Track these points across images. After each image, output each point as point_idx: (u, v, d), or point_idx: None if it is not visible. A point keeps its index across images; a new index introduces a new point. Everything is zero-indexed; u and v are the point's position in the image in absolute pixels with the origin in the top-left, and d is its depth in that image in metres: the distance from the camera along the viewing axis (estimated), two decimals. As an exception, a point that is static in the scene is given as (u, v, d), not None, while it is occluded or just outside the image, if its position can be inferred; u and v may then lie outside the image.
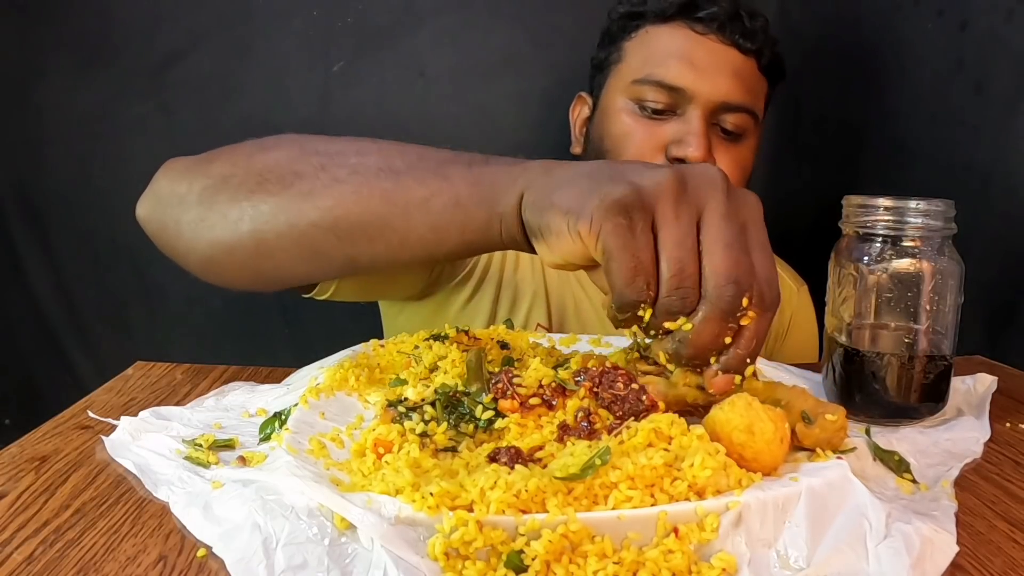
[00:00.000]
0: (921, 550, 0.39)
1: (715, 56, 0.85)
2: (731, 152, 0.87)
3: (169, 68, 1.15)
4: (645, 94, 0.86)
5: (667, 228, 0.44)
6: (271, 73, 1.16)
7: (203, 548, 0.41)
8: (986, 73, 0.87)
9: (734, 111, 0.85)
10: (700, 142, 0.83)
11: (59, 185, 1.17)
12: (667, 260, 0.44)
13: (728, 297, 0.44)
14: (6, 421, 1.23)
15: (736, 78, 0.85)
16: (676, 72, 0.84)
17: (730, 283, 0.43)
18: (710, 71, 0.84)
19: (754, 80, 0.88)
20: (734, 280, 0.44)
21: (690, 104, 0.84)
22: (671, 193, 0.44)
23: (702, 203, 0.45)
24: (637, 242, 0.44)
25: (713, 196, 0.45)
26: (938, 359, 0.58)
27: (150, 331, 1.24)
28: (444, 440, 0.50)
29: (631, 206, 0.44)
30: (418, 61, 1.17)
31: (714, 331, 0.45)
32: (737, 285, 0.44)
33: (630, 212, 0.44)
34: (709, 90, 0.84)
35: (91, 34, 1.14)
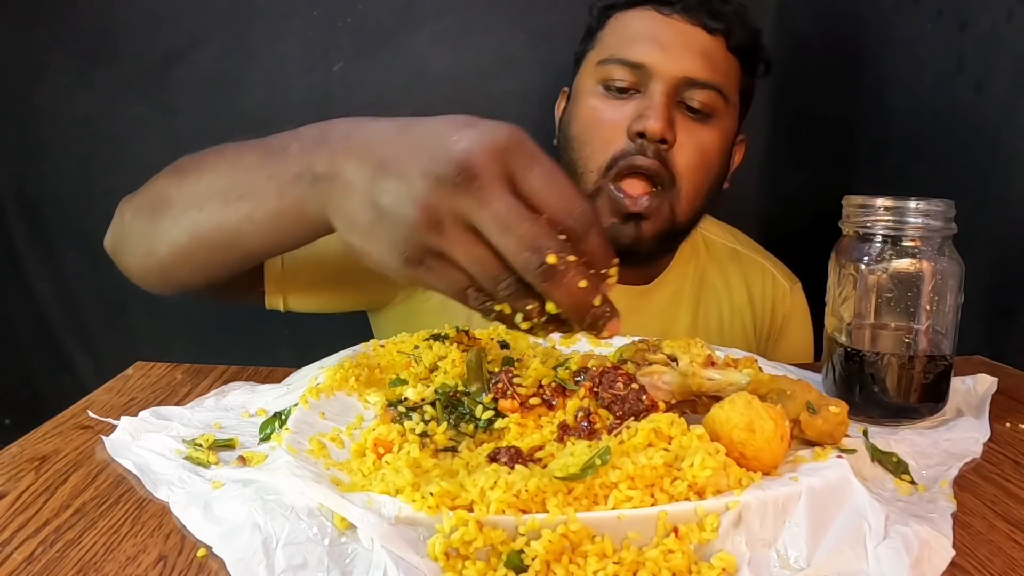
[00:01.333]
0: (920, 552, 0.39)
1: (680, 34, 0.85)
2: (695, 131, 0.85)
3: (169, 68, 1.15)
4: (610, 73, 0.86)
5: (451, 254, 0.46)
6: (271, 73, 1.16)
7: (203, 548, 0.41)
8: (986, 73, 0.87)
9: (699, 87, 0.84)
10: (659, 114, 0.81)
11: (59, 185, 1.17)
12: (473, 274, 0.46)
13: (534, 268, 0.44)
14: (6, 421, 1.23)
15: (701, 55, 0.84)
16: (639, 50, 0.84)
17: (525, 255, 0.44)
18: (673, 48, 0.84)
19: (722, 59, 0.86)
20: (527, 250, 0.44)
21: (652, 80, 0.83)
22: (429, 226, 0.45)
23: (456, 209, 0.45)
24: (445, 273, 0.47)
25: (461, 195, 0.45)
26: (938, 359, 0.58)
27: (150, 331, 1.24)
28: (444, 440, 0.50)
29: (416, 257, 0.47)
30: (418, 61, 1.17)
31: (562, 292, 0.45)
32: (535, 251, 0.44)
33: (419, 261, 0.47)
34: (671, 65, 0.83)
35: (91, 34, 1.14)
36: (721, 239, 1.03)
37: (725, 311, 0.99)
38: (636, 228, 0.84)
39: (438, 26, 1.16)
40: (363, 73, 1.17)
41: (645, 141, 0.82)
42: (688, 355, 0.55)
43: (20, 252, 1.20)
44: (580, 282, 0.45)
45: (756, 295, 1.00)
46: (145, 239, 0.67)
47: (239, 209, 0.59)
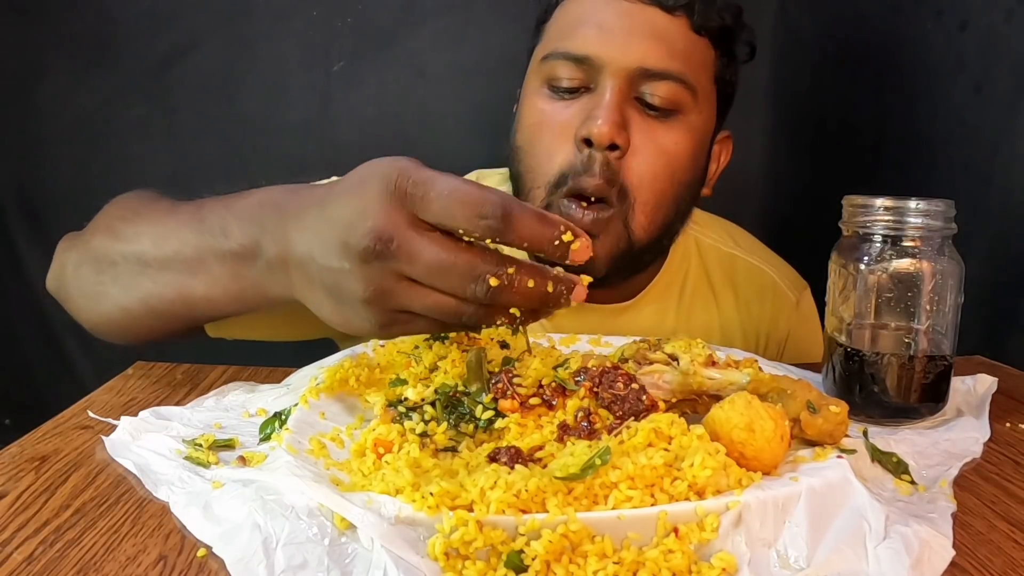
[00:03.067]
0: (920, 553, 0.39)
1: (629, 18, 0.72)
2: (655, 131, 0.72)
3: (169, 68, 1.15)
4: (554, 71, 0.73)
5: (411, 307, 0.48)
6: (271, 73, 1.16)
7: (203, 548, 0.41)
8: (986, 73, 0.87)
9: (657, 79, 0.71)
10: (608, 115, 0.69)
11: (59, 185, 1.17)
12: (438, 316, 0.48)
13: (482, 294, 0.46)
14: (6, 421, 1.23)
15: (656, 40, 0.71)
16: (583, 40, 0.72)
17: (472, 286, 0.46)
18: (622, 34, 0.71)
19: (684, 44, 0.73)
20: (470, 282, 0.46)
21: (601, 75, 0.71)
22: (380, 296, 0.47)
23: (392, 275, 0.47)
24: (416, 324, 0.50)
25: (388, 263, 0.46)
26: (938, 359, 0.58)
27: (150, 331, 1.24)
28: (444, 440, 0.50)
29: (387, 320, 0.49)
30: (418, 61, 1.17)
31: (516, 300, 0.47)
32: (474, 280, 0.46)
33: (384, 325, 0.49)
34: (620, 55, 0.70)
35: (91, 34, 1.14)
36: (717, 242, 0.91)
37: (715, 330, 0.88)
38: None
39: (438, 26, 1.17)
40: (363, 73, 1.17)
41: (593, 149, 0.70)
42: (689, 354, 0.55)
43: (20, 252, 1.20)
44: (528, 283, 0.47)
45: (755, 310, 0.89)
46: (94, 298, 0.65)
47: (195, 287, 0.59)
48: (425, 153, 0.89)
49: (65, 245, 0.70)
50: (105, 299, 0.64)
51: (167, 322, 0.63)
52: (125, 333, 0.67)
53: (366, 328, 0.50)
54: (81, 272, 0.66)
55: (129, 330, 0.66)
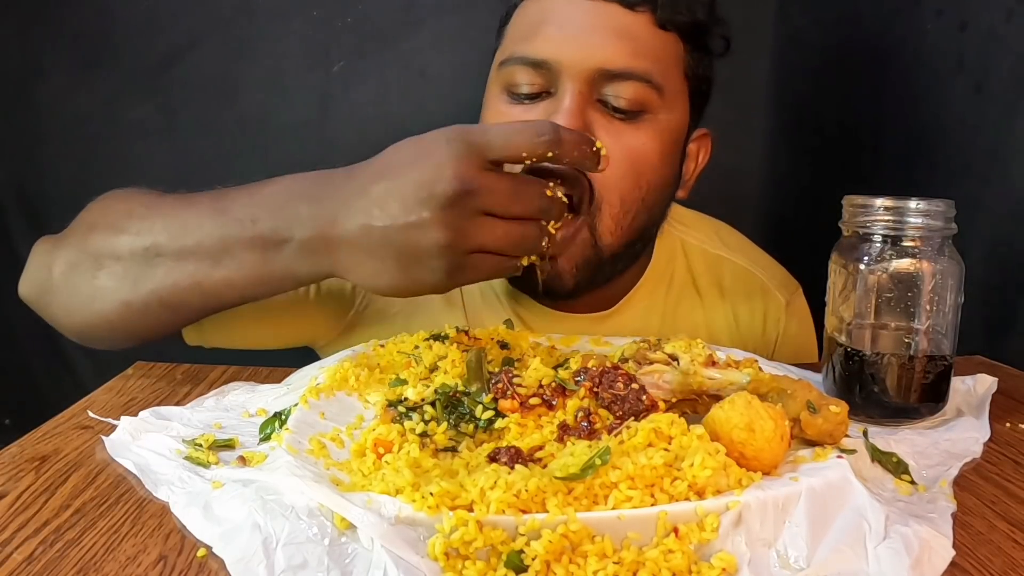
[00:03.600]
0: (920, 553, 0.39)
1: (588, 17, 0.68)
2: (620, 134, 0.69)
3: (169, 68, 1.15)
4: (513, 77, 0.70)
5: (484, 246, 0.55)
6: (271, 73, 1.16)
7: (203, 548, 0.41)
8: (986, 73, 0.87)
9: (620, 79, 0.68)
10: (567, 119, 0.66)
11: (59, 185, 1.17)
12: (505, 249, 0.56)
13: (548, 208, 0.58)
14: (6, 421, 1.23)
15: (617, 39, 0.68)
16: (540, 43, 0.69)
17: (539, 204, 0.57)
18: (580, 34, 0.68)
19: (648, 41, 0.69)
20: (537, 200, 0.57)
21: (561, 78, 0.68)
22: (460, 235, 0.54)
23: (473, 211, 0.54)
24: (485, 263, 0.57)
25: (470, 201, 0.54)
26: (938, 359, 0.58)
27: (150, 331, 1.24)
28: (444, 440, 0.50)
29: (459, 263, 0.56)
30: (418, 61, 1.17)
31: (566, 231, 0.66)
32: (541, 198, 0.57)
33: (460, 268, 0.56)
34: (580, 57, 0.67)
35: (91, 34, 1.14)
36: (704, 243, 0.88)
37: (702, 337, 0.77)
38: (551, 263, 0.67)
39: (438, 26, 1.17)
40: (363, 73, 1.17)
41: None
42: (689, 354, 0.55)
43: (20, 252, 1.19)
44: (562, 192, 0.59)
45: (743, 314, 0.86)
46: (89, 298, 0.64)
47: (215, 274, 0.61)
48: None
49: (46, 247, 0.69)
50: (103, 296, 0.64)
51: (175, 314, 0.64)
52: (116, 333, 0.66)
53: (434, 279, 0.55)
54: (75, 272, 0.65)
55: (123, 329, 0.65)
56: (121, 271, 0.63)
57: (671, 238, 0.84)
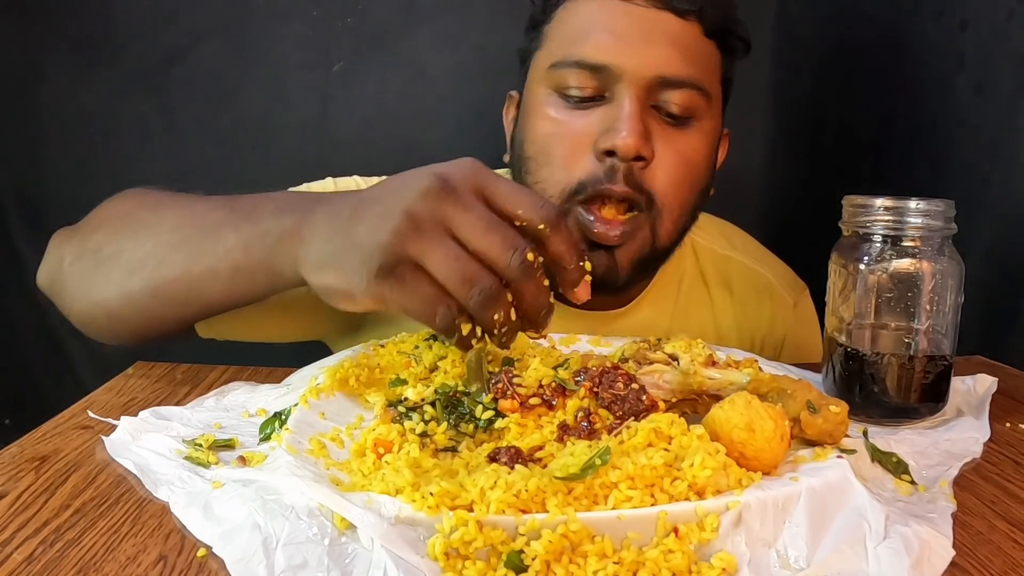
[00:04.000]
0: (920, 553, 0.39)
1: (644, 24, 0.69)
2: (675, 140, 0.71)
3: (170, 68, 1.15)
4: (566, 79, 0.71)
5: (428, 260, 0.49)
6: (271, 73, 1.16)
7: (203, 548, 0.41)
8: (986, 73, 0.87)
9: (676, 88, 0.69)
10: (631, 125, 0.67)
11: (59, 185, 1.17)
12: (447, 280, 0.48)
13: (517, 265, 0.48)
14: (6, 421, 1.23)
15: (673, 47, 0.69)
16: (597, 47, 0.69)
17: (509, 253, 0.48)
18: (639, 41, 0.69)
19: (699, 49, 0.71)
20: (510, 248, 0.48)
21: (618, 84, 0.69)
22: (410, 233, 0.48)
23: (440, 215, 0.49)
24: (417, 286, 0.49)
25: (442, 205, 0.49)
26: (938, 359, 0.58)
27: (150, 331, 1.24)
28: (444, 440, 0.50)
29: (393, 263, 0.49)
30: (418, 61, 1.17)
31: (532, 290, 0.49)
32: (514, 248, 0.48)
33: (395, 269, 0.49)
34: (639, 64, 0.68)
35: (92, 34, 1.14)
36: (713, 244, 0.89)
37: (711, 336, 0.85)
38: (608, 257, 0.71)
39: (438, 26, 1.17)
40: (363, 73, 1.17)
41: (616, 160, 0.68)
42: (689, 354, 0.55)
43: (20, 252, 1.20)
44: (545, 280, 0.50)
45: (751, 313, 0.87)
46: (90, 288, 0.66)
47: (200, 263, 0.60)
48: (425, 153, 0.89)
49: (61, 239, 0.71)
50: (106, 289, 0.64)
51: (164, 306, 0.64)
52: (116, 325, 0.67)
53: (357, 274, 0.50)
54: (81, 262, 0.67)
55: (121, 320, 0.66)
56: (121, 263, 0.64)
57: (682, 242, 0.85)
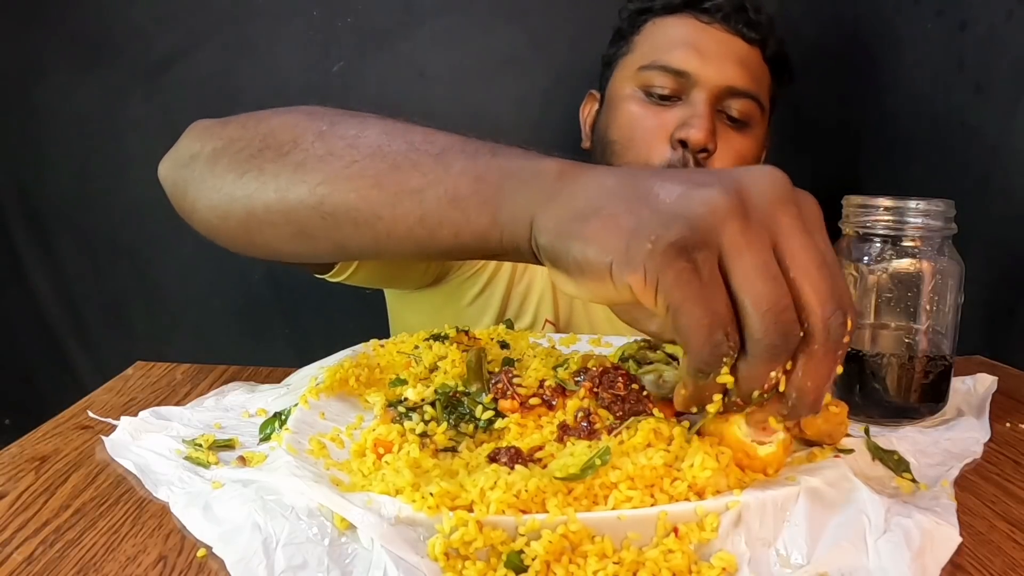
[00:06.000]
0: (921, 544, 0.39)
1: (720, 43, 0.87)
2: (734, 140, 0.88)
3: (169, 68, 1.15)
4: (652, 80, 0.87)
5: (741, 260, 0.36)
6: (271, 73, 1.16)
7: (203, 548, 0.41)
8: (986, 73, 0.87)
9: (739, 97, 0.87)
10: (704, 123, 0.84)
11: (59, 185, 1.17)
12: (751, 296, 0.36)
13: (837, 326, 0.37)
14: (6, 421, 1.23)
15: (740, 65, 0.87)
16: (682, 57, 0.86)
17: (836, 309, 0.37)
18: (715, 57, 0.86)
19: (759, 69, 0.90)
20: (838, 306, 0.37)
21: (695, 88, 0.86)
22: (735, 216, 0.37)
23: (774, 221, 0.38)
24: (708, 290, 0.36)
25: (784, 210, 0.38)
26: (938, 359, 0.58)
27: (150, 331, 1.24)
28: (444, 440, 0.50)
29: (692, 246, 0.36)
30: (418, 61, 1.17)
31: (826, 366, 0.38)
32: (842, 310, 0.37)
33: (692, 254, 0.36)
34: (714, 75, 0.85)
35: (91, 34, 1.14)
36: None
37: None
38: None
39: (438, 26, 1.17)
40: (363, 73, 1.17)
41: (686, 150, 0.84)
42: None
43: (20, 252, 1.20)
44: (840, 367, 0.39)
45: None
46: (236, 181, 0.54)
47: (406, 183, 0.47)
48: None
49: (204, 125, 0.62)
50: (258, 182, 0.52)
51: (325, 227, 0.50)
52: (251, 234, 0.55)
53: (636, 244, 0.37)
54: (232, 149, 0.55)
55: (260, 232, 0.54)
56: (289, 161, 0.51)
57: None
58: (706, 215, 0.36)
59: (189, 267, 1.21)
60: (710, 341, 0.36)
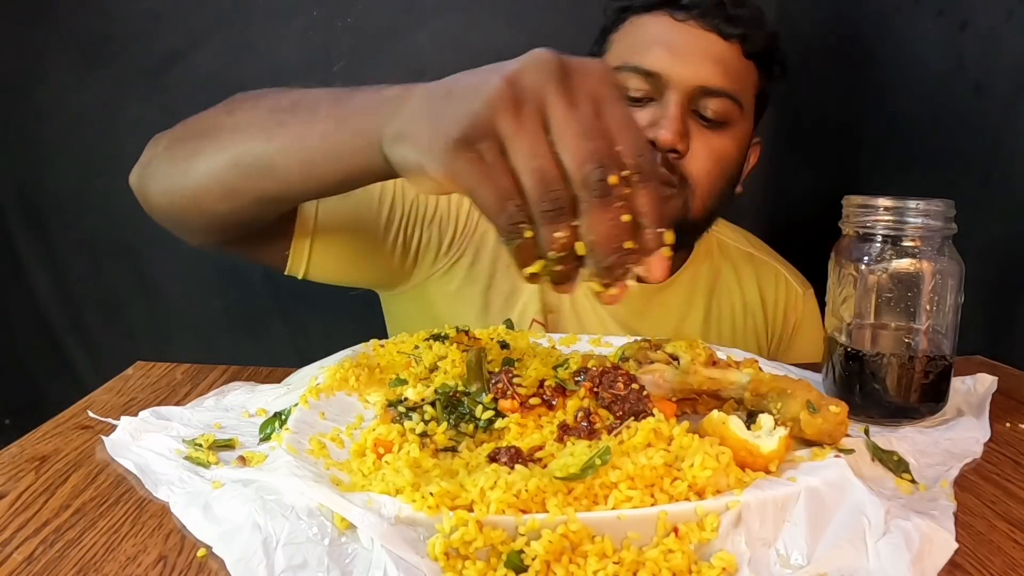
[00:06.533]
0: (921, 547, 0.39)
1: (694, 41, 0.84)
2: (709, 140, 0.85)
3: (169, 68, 1.15)
4: (625, 81, 0.85)
5: (514, 143, 0.43)
6: (271, 73, 1.16)
7: (203, 548, 0.41)
8: (986, 73, 0.87)
9: (714, 96, 0.84)
10: (672, 125, 0.81)
11: (59, 185, 1.17)
12: (524, 173, 0.43)
13: (595, 180, 0.43)
14: (6, 421, 1.23)
15: (715, 63, 0.84)
16: (653, 57, 0.84)
17: (591, 166, 0.42)
18: (687, 56, 0.83)
19: (737, 66, 0.86)
20: (594, 162, 0.43)
21: (668, 89, 0.83)
22: (506, 105, 0.43)
23: (541, 101, 0.44)
24: (492, 169, 0.44)
25: (550, 86, 0.44)
26: (938, 359, 0.58)
27: (150, 331, 1.24)
28: (444, 440, 0.50)
29: (473, 138, 0.44)
30: (418, 61, 1.17)
31: (604, 219, 0.43)
32: (600, 165, 0.43)
33: (474, 144, 0.44)
34: (685, 74, 0.83)
35: (91, 34, 1.14)
36: (736, 243, 1.03)
37: (738, 313, 0.99)
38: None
39: (438, 26, 1.17)
40: (363, 73, 1.17)
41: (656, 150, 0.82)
42: (689, 354, 0.55)
43: (20, 252, 1.20)
44: (625, 215, 0.43)
45: (769, 298, 1.01)
46: (180, 165, 0.67)
47: (288, 131, 0.59)
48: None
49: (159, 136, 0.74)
50: (194, 166, 0.65)
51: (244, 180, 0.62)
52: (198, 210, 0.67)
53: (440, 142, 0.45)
54: (174, 146, 0.69)
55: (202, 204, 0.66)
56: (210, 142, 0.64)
57: (709, 237, 0.98)
58: (482, 110, 0.44)
59: (189, 267, 1.21)
60: (502, 212, 0.44)
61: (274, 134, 0.60)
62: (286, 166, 0.60)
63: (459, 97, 0.46)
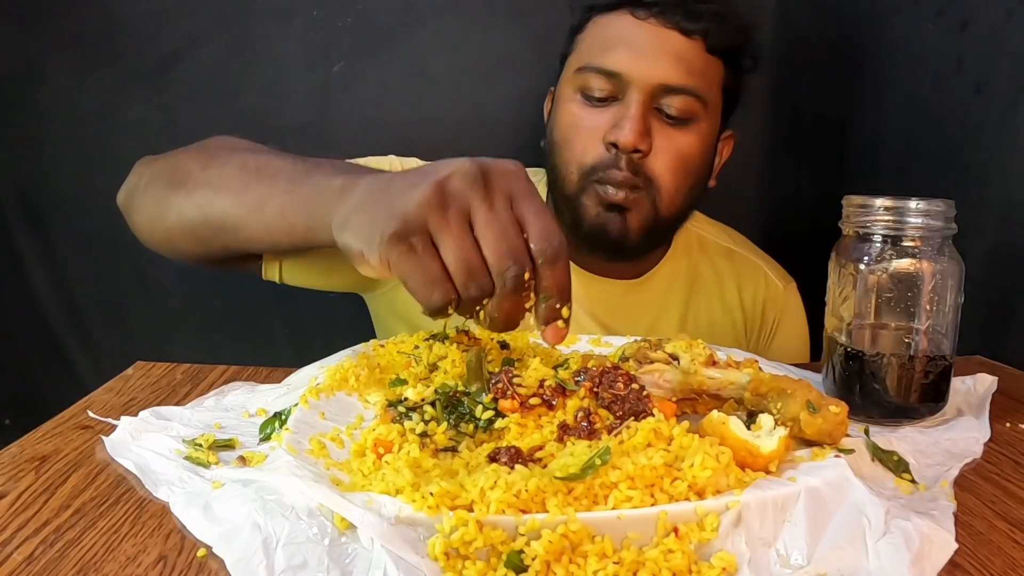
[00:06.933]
0: (920, 547, 0.39)
1: (654, 40, 0.84)
2: (672, 137, 0.85)
3: (169, 68, 1.15)
4: (588, 82, 0.86)
5: (442, 237, 0.50)
6: (271, 73, 1.16)
7: (203, 548, 0.41)
8: (986, 73, 0.87)
9: (676, 94, 0.84)
10: (633, 125, 0.82)
11: (59, 185, 1.17)
12: (452, 263, 0.50)
13: (511, 276, 0.50)
14: (6, 421, 1.23)
15: (676, 61, 0.84)
16: (614, 58, 0.84)
17: (508, 262, 0.50)
18: (648, 55, 0.84)
19: (699, 62, 0.85)
20: (510, 259, 0.50)
21: (629, 89, 0.84)
22: (434, 207, 0.50)
23: (465, 202, 0.51)
24: (421, 260, 0.50)
25: (472, 191, 0.51)
26: (938, 359, 0.58)
27: (150, 331, 1.24)
28: (444, 440, 0.50)
29: (406, 232, 0.50)
30: (418, 61, 1.17)
31: (509, 305, 0.51)
32: (515, 262, 0.50)
33: (407, 238, 0.50)
34: (646, 73, 0.83)
35: (91, 34, 1.14)
36: (716, 238, 1.03)
37: (716, 309, 0.99)
38: (621, 219, 0.85)
39: (438, 26, 1.16)
40: (363, 73, 1.17)
41: (619, 151, 0.83)
42: (689, 354, 0.55)
43: (20, 252, 1.20)
44: (528, 301, 0.52)
45: (748, 294, 1.01)
46: (156, 205, 0.73)
47: (251, 200, 0.65)
48: (425, 153, 0.89)
49: (143, 163, 0.79)
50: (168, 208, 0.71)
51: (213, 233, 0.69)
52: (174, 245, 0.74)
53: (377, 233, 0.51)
54: (154, 185, 0.74)
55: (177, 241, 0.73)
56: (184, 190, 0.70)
57: (688, 232, 0.99)
58: (415, 209, 0.50)
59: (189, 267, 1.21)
60: (432, 297, 0.51)
61: (241, 198, 0.66)
62: (250, 228, 0.66)
63: (396, 196, 0.52)
